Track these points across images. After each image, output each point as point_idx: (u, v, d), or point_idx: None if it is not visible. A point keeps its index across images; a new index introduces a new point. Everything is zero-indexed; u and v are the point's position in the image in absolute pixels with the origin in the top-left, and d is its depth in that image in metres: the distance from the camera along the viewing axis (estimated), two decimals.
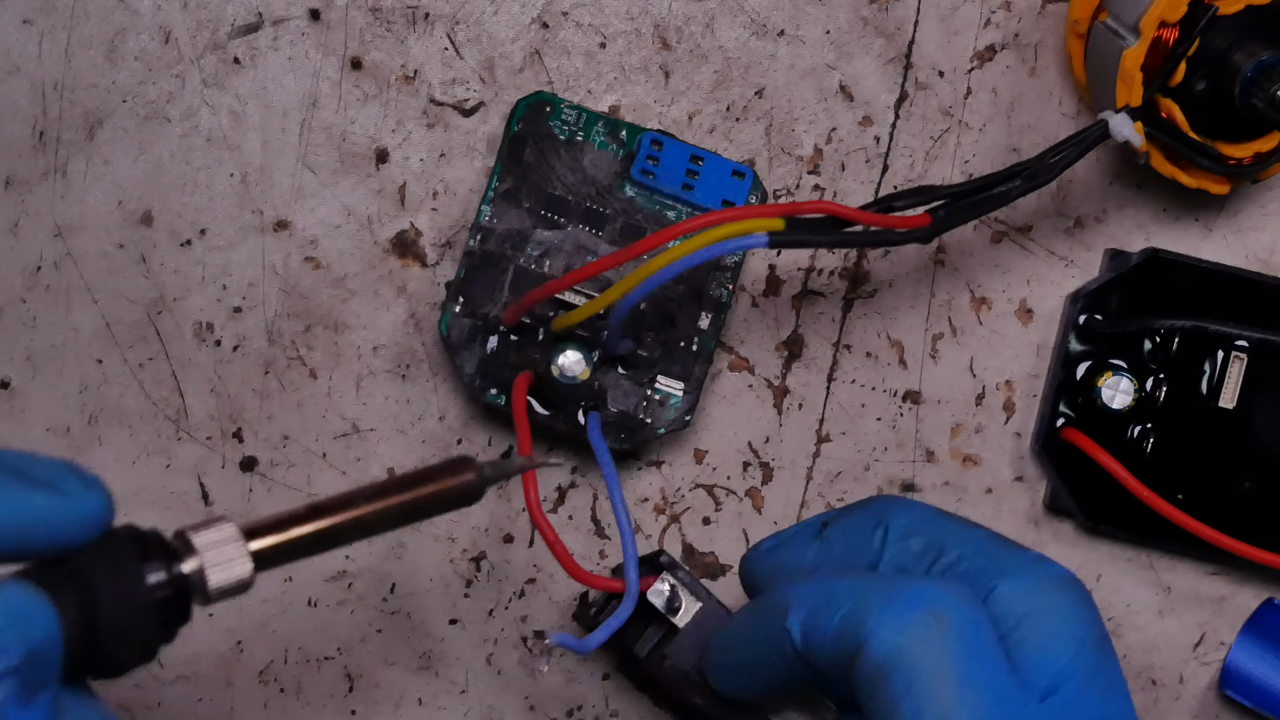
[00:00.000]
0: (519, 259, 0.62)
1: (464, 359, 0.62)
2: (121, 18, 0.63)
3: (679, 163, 0.63)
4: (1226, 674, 0.66)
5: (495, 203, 0.62)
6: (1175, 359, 0.64)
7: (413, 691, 0.65)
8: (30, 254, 0.63)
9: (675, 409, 0.63)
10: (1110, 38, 0.61)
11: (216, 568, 0.48)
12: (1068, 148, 0.60)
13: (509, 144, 0.62)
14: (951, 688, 0.51)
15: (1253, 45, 0.60)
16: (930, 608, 0.52)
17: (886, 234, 0.58)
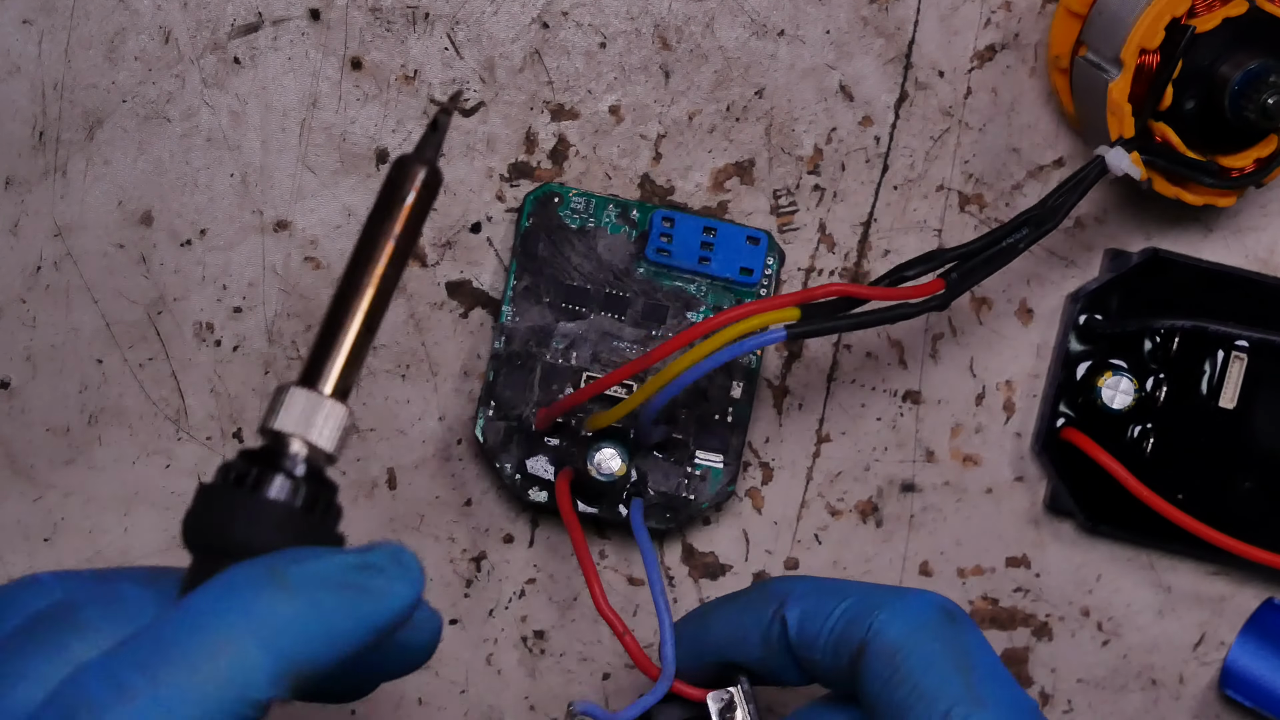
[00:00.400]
0: (545, 355, 0.62)
1: (504, 462, 0.62)
2: (121, 18, 0.63)
3: (693, 237, 0.63)
4: (1226, 674, 0.66)
5: (515, 302, 0.62)
6: (1175, 359, 0.64)
7: (413, 691, 0.65)
8: (30, 254, 0.63)
9: (718, 481, 0.63)
10: (1093, 72, 0.61)
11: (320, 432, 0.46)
12: (1068, 190, 0.60)
13: (522, 241, 0.62)
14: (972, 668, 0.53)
15: (1236, 57, 0.60)
16: (939, 605, 0.54)
17: (902, 307, 0.59)
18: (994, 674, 0.53)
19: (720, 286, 0.63)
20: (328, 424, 0.46)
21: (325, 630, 0.44)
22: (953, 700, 0.52)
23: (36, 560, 0.64)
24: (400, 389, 0.64)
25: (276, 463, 0.45)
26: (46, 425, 0.63)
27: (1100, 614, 0.66)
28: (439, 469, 0.64)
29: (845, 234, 0.65)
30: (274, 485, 0.45)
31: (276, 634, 0.43)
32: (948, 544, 0.66)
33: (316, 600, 0.44)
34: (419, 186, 0.47)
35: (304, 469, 0.46)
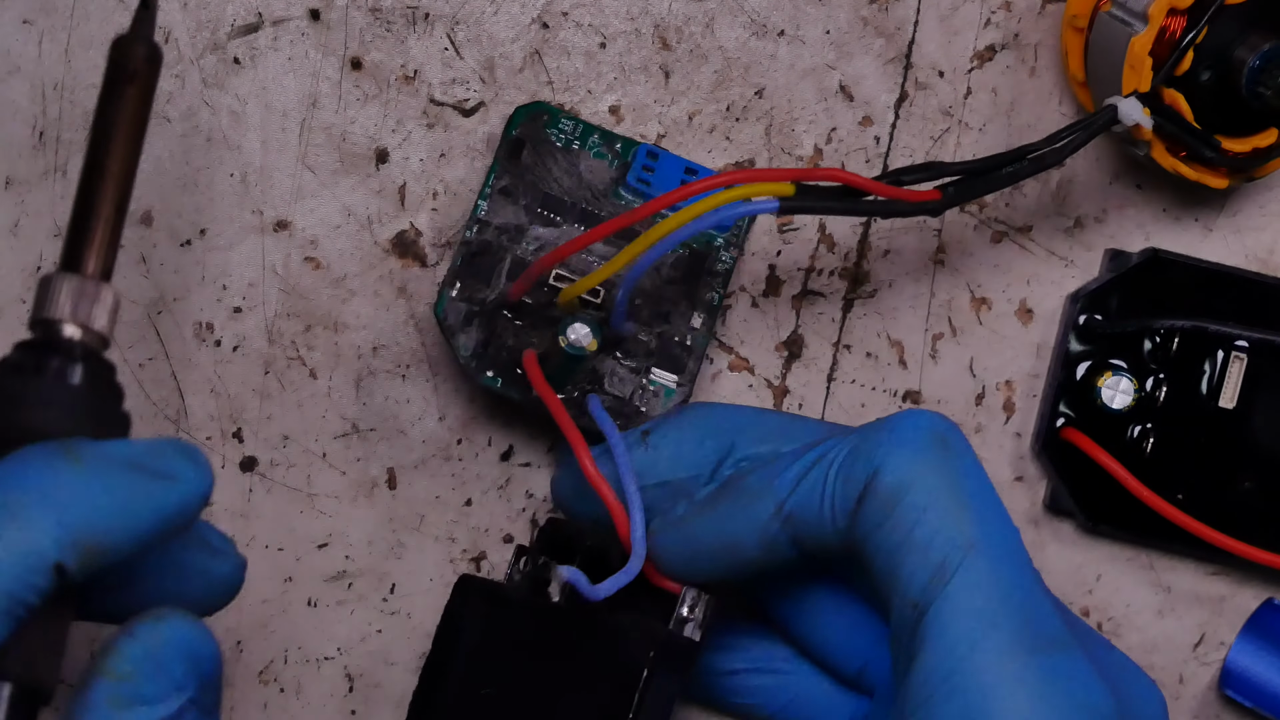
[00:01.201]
0: (515, 250, 0.62)
1: (461, 341, 0.62)
2: (121, 18, 0.63)
3: (673, 176, 0.63)
4: (1226, 674, 0.66)
5: (492, 198, 0.62)
6: (1175, 359, 0.64)
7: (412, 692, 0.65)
8: (30, 254, 0.63)
9: (669, 399, 0.63)
10: (1116, 26, 0.61)
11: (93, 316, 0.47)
12: (1076, 131, 0.60)
13: (507, 146, 0.62)
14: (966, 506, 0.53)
15: (1259, 36, 0.60)
16: (934, 432, 0.54)
17: (897, 205, 0.58)
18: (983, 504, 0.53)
19: None
20: (97, 305, 0.47)
21: (116, 506, 0.45)
22: (945, 548, 0.52)
23: None
24: (400, 389, 0.64)
25: (54, 348, 0.47)
26: None
27: (1100, 614, 0.66)
28: (439, 469, 0.64)
29: (845, 234, 0.65)
30: (54, 368, 0.47)
31: (66, 504, 0.45)
32: None
33: (107, 476, 0.45)
34: (142, 62, 0.49)
35: (81, 351, 0.47)
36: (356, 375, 0.64)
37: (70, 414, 0.46)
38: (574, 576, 0.57)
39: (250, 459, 0.64)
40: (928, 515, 0.52)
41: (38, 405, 0.46)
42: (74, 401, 0.47)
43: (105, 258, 0.48)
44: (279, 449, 0.64)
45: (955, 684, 0.51)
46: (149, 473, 0.46)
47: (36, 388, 0.47)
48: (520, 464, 0.65)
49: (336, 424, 0.64)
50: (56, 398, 0.47)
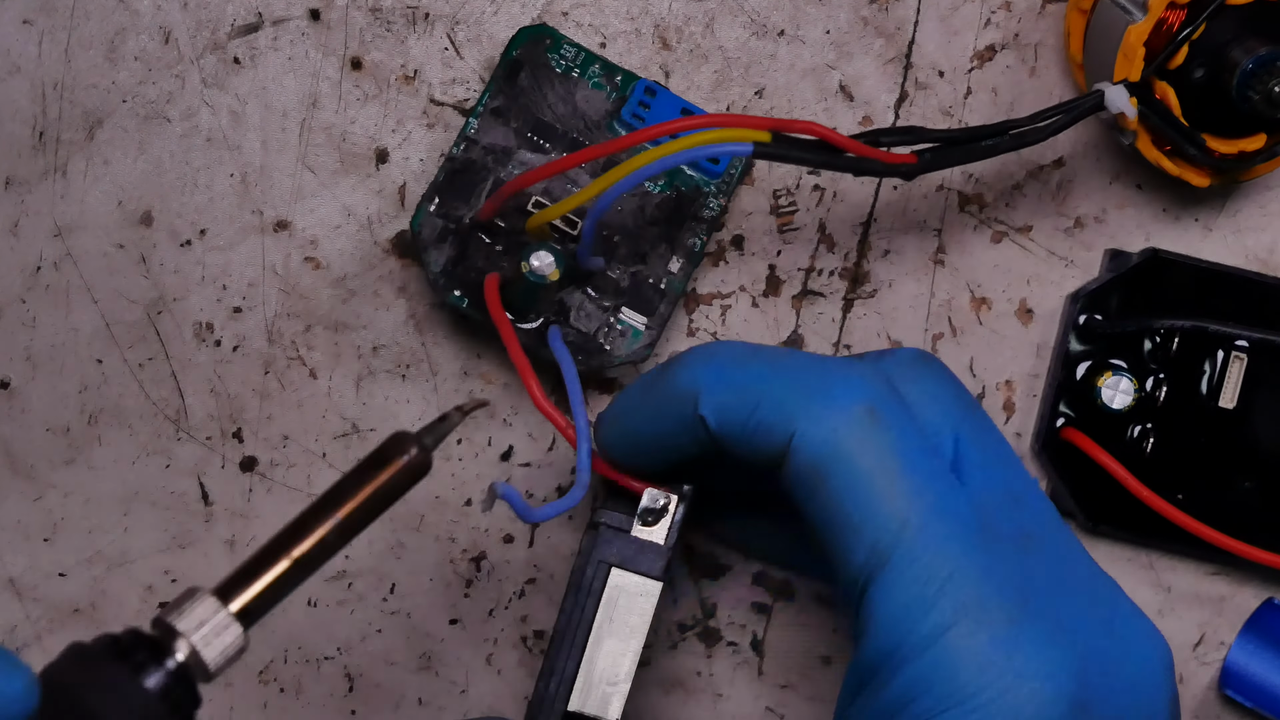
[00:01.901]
0: (499, 171, 0.62)
1: (431, 257, 0.62)
2: (121, 18, 0.63)
3: (669, 113, 0.63)
4: (1226, 674, 0.66)
5: (483, 117, 0.62)
6: (1175, 359, 0.64)
7: (413, 691, 0.65)
8: (30, 254, 0.63)
9: (636, 341, 0.63)
10: (1116, 13, 0.61)
11: (209, 645, 0.47)
12: (1060, 112, 0.60)
13: (505, 66, 0.62)
14: (899, 480, 0.51)
15: (1255, 39, 0.60)
16: (860, 403, 0.51)
17: (871, 164, 0.58)
18: (917, 477, 0.51)
19: (684, 168, 0.63)
20: (219, 640, 0.47)
21: None
22: (878, 529, 0.50)
23: (36, 560, 0.64)
24: (400, 389, 0.64)
25: (160, 656, 0.47)
26: (46, 425, 0.63)
27: None
28: (439, 468, 0.64)
29: (845, 234, 0.65)
30: (152, 675, 0.46)
31: None
32: None
33: None
34: (404, 464, 0.50)
35: (178, 670, 0.47)
36: (356, 375, 0.64)
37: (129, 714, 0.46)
38: (508, 493, 0.56)
39: (250, 459, 0.64)
40: (856, 495, 0.51)
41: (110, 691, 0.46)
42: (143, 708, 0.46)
43: (256, 603, 0.48)
44: (279, 449, 0.64)
45: (894, 666, 0.50)
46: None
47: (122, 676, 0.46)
48: (520, 464, 0.65)
49: (336, 424, 0.64)
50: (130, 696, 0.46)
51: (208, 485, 0.64)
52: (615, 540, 0.58)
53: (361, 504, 0.49)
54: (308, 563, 0.48)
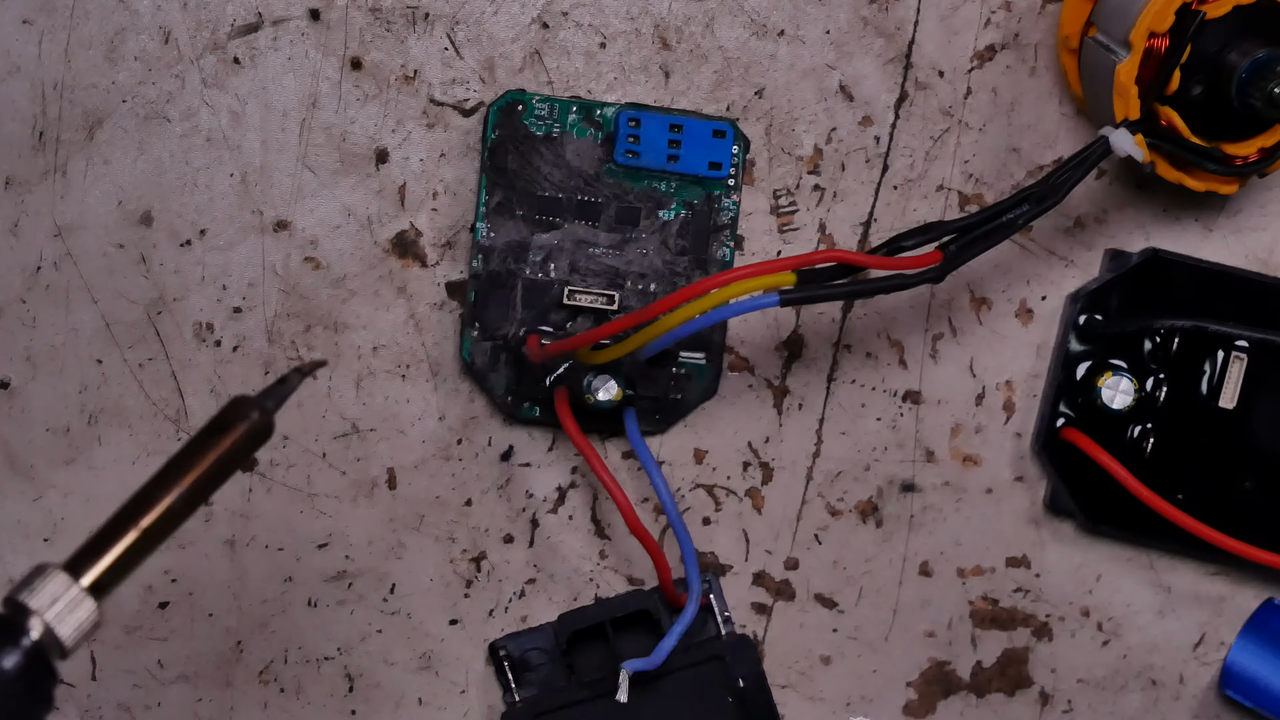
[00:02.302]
0: (524, 271, 0.63)
1: (493, 382, 0.63)
2: (121, 18, 0.63)
3: (660, 135, 0.63)
4: (1226, 674, 0.66)
5: (489, 218, 0.62)
6: (1175, 359, 0.64)
7: (413, 691, 0.65)
8: (30, 254, 0.63)
9: (703, 378, 0.63)
10: (1101, 52, 0.61)
11: (63, 622, 0.47)
12: (1071, 168, 0.60)
13: (490, 154, 0.62)
14: None
15: (1244, 45, 0.60)
16: None
17: (899, 278, 0.59)
18: None
19: (690, 182, 0.63)
20: (73, 616, 0.47)
21: None
22: None
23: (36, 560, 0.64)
24: (400, 389, 0.64)
25: (15, 636, 0.46)
26: (46, 425, 0.63)
27: (1100, 614, 0.66)
28: (439, 469, 0.64)
29: (845, 234, 0.65)
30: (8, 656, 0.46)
31: None
32: (948, 544, 0.66)
33: None
34: (245, 429, 0.48)
35: (32, 648, 0.46)
36: (356, 375, 0.64)
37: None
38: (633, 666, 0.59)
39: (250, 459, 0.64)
40: None
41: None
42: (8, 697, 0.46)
43: (107, 576, 0.47)
44: (279, 449, 0.64)
45: None
46: None
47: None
48: (520, 464, 0.65)
49: (336, 424, 0.64)
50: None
51: None
52: None
53: (205, 471, 0.48)
54: (156, 532, 0.48)
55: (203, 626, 0.64)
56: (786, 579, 0.66)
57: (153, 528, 0.48)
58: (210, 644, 0.64)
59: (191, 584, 0.64)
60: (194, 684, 0.65)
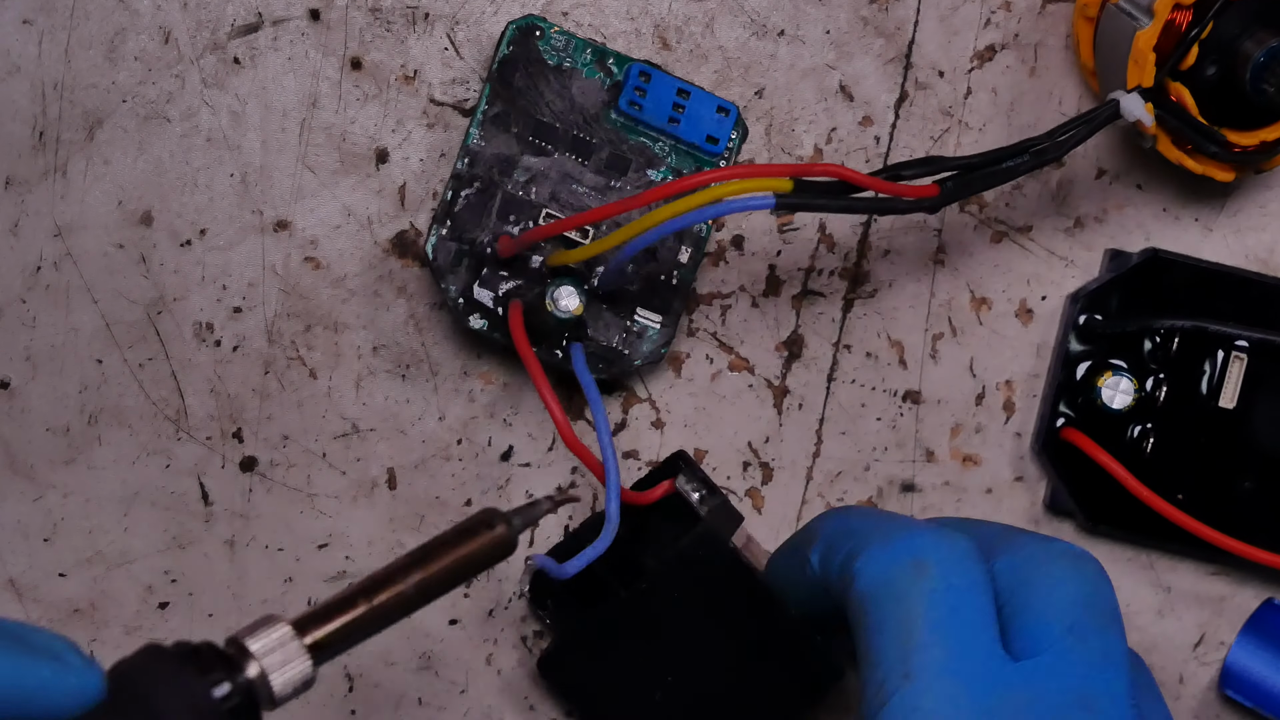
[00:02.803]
0: (506, 185, 0.62)
1: (450, 282, 0.62)
2: (121, 18, 0.63)
3: (666, 95, 0.63)
4: (1226, 674, 0.66)
5: (484, 126, 0.62)
6: (1175, 359, 0.64)
7: (413, 691, 0.65)
8: (30, 254, 0.63)
9: (652, 341, 0.63)
10: (1122, 19, 0.61)
11: (278, 670, 0.48)
12: (1078, 126, 0.60)
13: (499, 67, 0.62)
14: (919, 632, 0.52)
15: (1265, 32, 0.60)
16: (917, 555, 0.54)
17: (894, 202, 0.58)
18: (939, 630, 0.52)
19: (684, 150, 0.63)
20: (289, 668, 0.48)
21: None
22: (886, 670, 0.52)
23: (36, 560, 0.64)
24: (400, 389, 0.64)
25: (232, 672, 0.48)
26: (46, 425, 0.63)
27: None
28: (439, 469, 0.64)
29: (845, 234, 0.65)
30: (221, 687, 0.47)
31: None
32: None
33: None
34: (489, 539, 0.52)
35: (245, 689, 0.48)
36: (356, 375, 0.64)
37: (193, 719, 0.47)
38: (543, 563, 0.59)
39: (250, 459, 0.64)
40: (880, 637, 0.53)
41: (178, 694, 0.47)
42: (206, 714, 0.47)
43: (330, 641, 0.49)
44: (279, 449, 0.64)
45: None
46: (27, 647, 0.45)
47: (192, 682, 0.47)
48: (520, 464, 0.65)
49: (336, 424, 0.64)
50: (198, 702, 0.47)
51: (208, 485, 0.64)
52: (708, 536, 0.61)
53: (444, 568, 0.51)
54: (384, 613, 0.51)
55: (203, 627, 0.64)
56: None
57: (381, 606, 0.50)
58: None
59: (191, 584, 0.64)
60: None
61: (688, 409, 0.65)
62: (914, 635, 0.53)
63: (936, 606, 0.53)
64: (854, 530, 0.56)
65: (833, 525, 0.57)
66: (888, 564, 0.54)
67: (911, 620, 0.53)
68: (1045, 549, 0.55)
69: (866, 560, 0.54)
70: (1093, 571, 0.55)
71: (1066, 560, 0.55)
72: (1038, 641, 0.53)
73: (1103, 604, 0.55)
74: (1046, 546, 0.55)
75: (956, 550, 0.54)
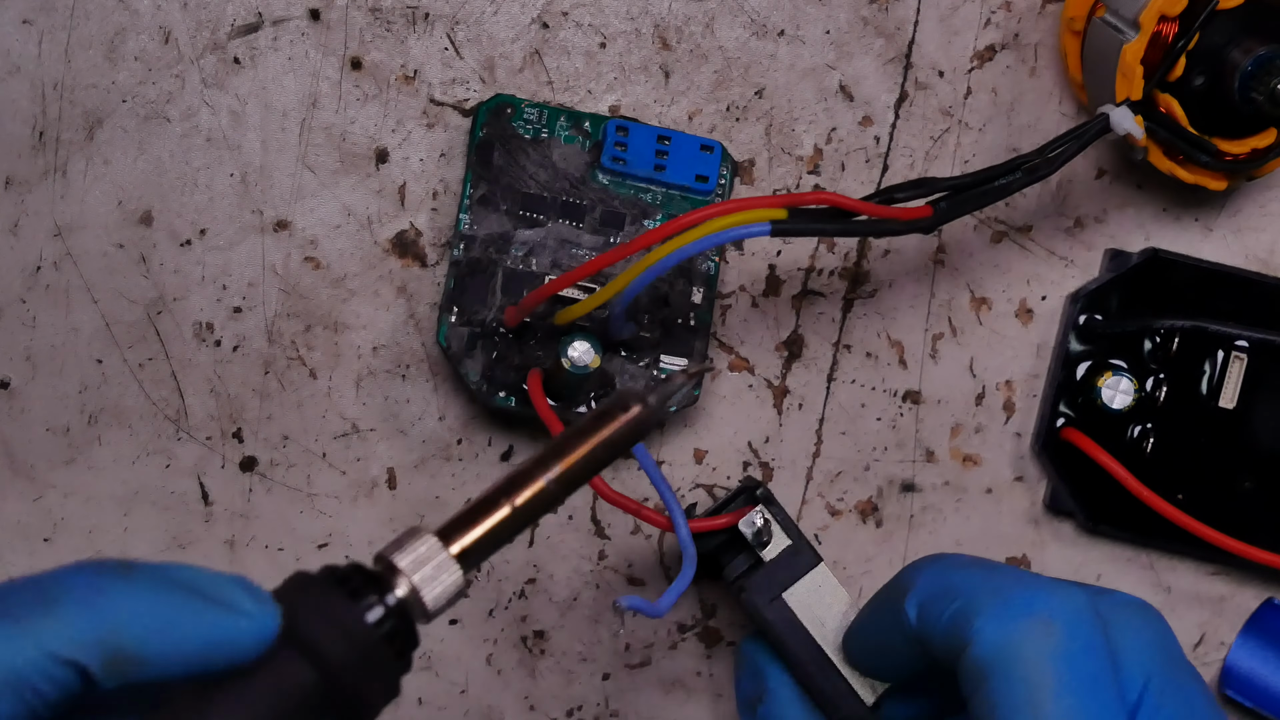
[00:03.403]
0: (505, 261, 0.62)
1: (467, 367, 0.62)
2: (121, 18, 0.63)
3: (647, 145, 0.63)
4: (1226, 674, 0.66)
5: (473, 210, 0.62)
6: (1175, 359, 0.64)
7: (413, 691, 0.65)
8: (30, 254, 0.63)
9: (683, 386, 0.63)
10: (1109, 32, 0.61)
11: (429, 584, 0.47)
12: (1068, 141, 0.60)
13: (476, 150, 0.62)
14: (1049, 698, 0.51)
15: (1251, 40, 0.60)
16: (1042, 614, 0.52)
17: (889, 224, 0.58)
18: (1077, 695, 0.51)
19: (676, 195, 0.63)
20: (439, 580, 0.47)
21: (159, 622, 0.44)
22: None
23: (36, 560, 0.64)
24: (400, 389, 0.64)
25: (382, 591, 0.47)
26: (46, 425, 0.63)
27: None
28: (439, 469, 0.64)
29: None
30: (374, 610, 0.46)
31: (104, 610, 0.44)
32: (948, 544, 0.66)
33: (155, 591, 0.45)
34: (627, 419, 0.49)
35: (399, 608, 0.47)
36: (356, 375, 0.64)
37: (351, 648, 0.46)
38: (634, 604, 0.58)
39: (250, 459, 0.64)
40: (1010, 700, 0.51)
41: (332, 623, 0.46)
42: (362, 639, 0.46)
43: (476, 548, 0.48)
44: (279, 449, 0.64)
45: None
46: (203, 597, 0.45)
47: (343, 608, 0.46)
48: None
49: (336, 424, 0.64)
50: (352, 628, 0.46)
51: (208, 485, 0.64)
52: (762, 578, 0.60)
53: (584, 457, 0.49)
54: (529, 511, 0.48)
55: None
56: None
57: (525, 505, 0.48)
58: None
59: None
60: None
61: (688, 409, 0.65)
62: (1045, 701, 0.51)
63: (1069, 669, 0.51)
64: (958, 586, 0.54)
65: (930, 577, 0.55)
66: (1010, 625, 0.52)
67: (1042, 685, 0.51)
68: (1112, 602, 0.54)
69: (985, 623, 0.52)
70: (1158, 618, 0.54)
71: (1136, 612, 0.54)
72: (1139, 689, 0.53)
73: (1176, 651, 0.54)
74: (1111, 599, 0.54)
75: (1076, 606, 0.52)
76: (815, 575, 0.60)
